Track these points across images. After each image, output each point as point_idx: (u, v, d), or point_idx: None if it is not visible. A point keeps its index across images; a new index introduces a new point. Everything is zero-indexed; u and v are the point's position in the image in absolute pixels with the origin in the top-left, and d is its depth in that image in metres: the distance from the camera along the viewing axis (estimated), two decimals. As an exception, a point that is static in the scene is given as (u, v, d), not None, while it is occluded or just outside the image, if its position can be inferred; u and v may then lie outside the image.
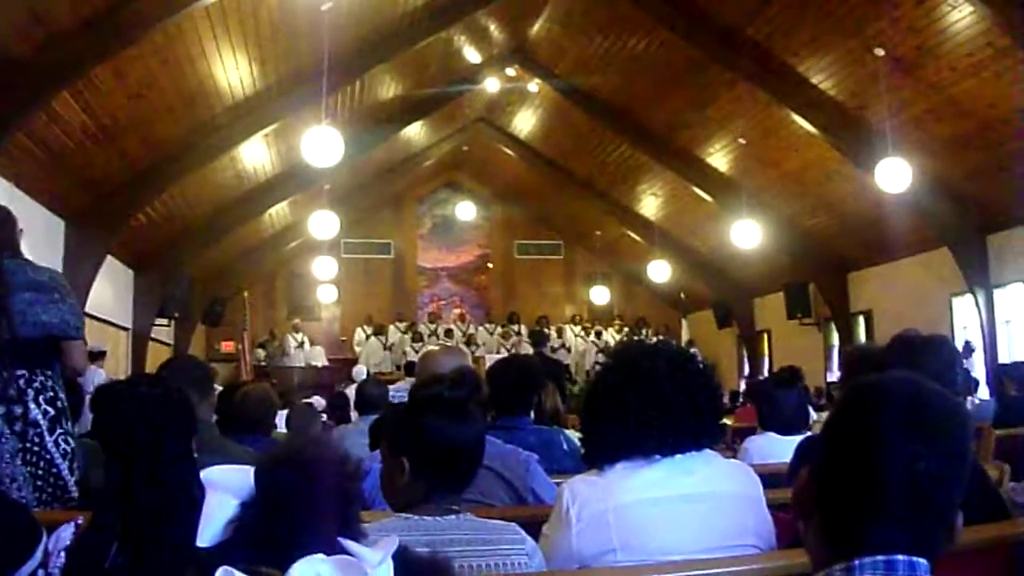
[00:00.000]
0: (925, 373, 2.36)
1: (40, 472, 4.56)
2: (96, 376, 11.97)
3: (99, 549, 2.70)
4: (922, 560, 1.62)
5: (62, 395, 4.78)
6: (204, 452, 3.34)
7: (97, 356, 13.78)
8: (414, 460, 2.73)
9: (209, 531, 1.27)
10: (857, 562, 1.61)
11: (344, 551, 1.12)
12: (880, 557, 1.60)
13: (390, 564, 1.12)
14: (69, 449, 4.68)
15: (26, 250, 4.94)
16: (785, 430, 5.57)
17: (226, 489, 1.27)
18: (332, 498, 1.22)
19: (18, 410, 4.58)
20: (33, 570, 2.79)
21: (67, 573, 2.74)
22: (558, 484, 3.22)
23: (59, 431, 4.66)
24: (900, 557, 1.60)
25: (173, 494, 2.77)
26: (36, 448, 4.58)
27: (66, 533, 2.82)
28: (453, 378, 3.03)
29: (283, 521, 1.17)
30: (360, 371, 19.65)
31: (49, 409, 4.66)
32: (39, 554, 2.84)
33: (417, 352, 21.59)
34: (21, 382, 4.64)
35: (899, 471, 1.61)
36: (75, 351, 4.86)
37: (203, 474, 1.34)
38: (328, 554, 1.10)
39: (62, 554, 2.77)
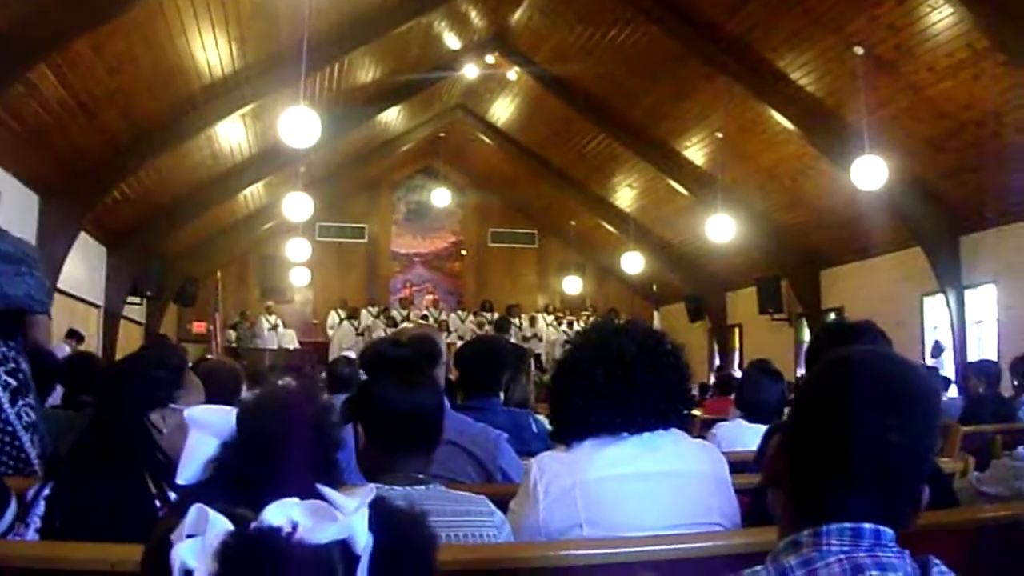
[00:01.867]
0: None
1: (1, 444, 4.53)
2: (60, 351, 11.98)
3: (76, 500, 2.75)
4: (887, 529, 1.63)
5: (25, 366, 4.71)
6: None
7: (75, 337, 13.80)
8: (366, 424, 2.74)
9: (190, 469, 1.29)
10: (824, 528, 1.63)
11: (321, 497, 1.14)
12: (847, 524, 1.62)
13: (365, 511, 1.13)
14: (31, 421, 4.64)
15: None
16: (760, 418, 5.63)
17: (208, 428, 1.29)
18: (311, 443, 1.23)
19: None
20: (5, 529, 2.80)
21: (46, 519, 2.76)
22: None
23: (21, 402, 4.60)
24: (867, 525, 1.62)
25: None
26: None
27: (47, 488, 2.85)
28: (404, 339, 3.04)
29: (262, 462, 1.18)
30: (334, 354, 19.65)
31: (10, 380, 4.60)
32: (9, 515, 2.85)
33: (390, 337, 21.58)
34: None
35: (870, 442, 1.64)
36: (39, 325, 4.78)
37: (186, 412, 1.35)
38: (303, 498, 1.11)
39: (42, 503, 2.79)
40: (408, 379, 2.74)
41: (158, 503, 2.85)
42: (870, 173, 12.66)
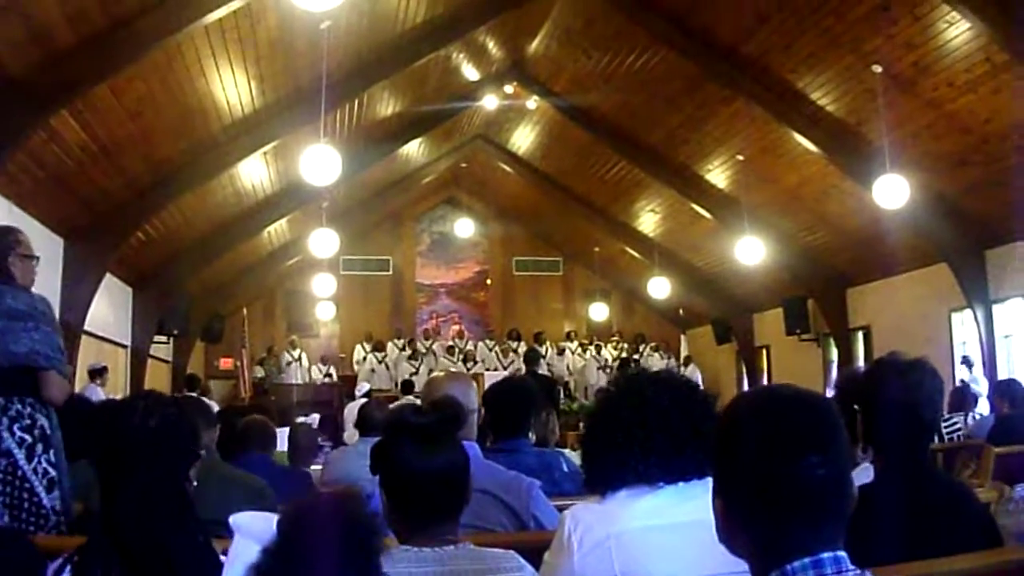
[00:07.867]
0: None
1: (15, 501, 4.52)
2: (94, 394, 11.99)
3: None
4: (842, 553, 1.77)
5: (43, 422, 4.71)
6: (206, 477, 3.31)
7: (97, 374, 13.80)
8: (386, 489, 2.72)
9: (232, 574, 1.29)
10: (789, 567, 1.75)
11: None
12: (807, 559, 1.75)
13: None
14: (51, 476, 4.64)
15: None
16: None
17: (250, 535, 1.29)
18: (351, 551, 1.23)
19: None
20: None
21: None
22: (559, 507, 3.19)
23: (37, 457, 4.62)
24: (825, 555, 1.75)
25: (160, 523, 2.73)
26: (9, 477, 4.53)
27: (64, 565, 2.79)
28: (429, 404, 3.01)
29: (301, 570, 1.18)
30: (363, 388, 19.68)
31: (25, 437, 4.60)
32: None
33: (415, 369, 21.69)
34: None
35: (803, 483, 1.76)
36: (47, 382, 4.75)
37: (231, 520, 1.36)
38: None
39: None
40: (426, 444, 2.71)
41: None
42: (893, 191, 12.62)
